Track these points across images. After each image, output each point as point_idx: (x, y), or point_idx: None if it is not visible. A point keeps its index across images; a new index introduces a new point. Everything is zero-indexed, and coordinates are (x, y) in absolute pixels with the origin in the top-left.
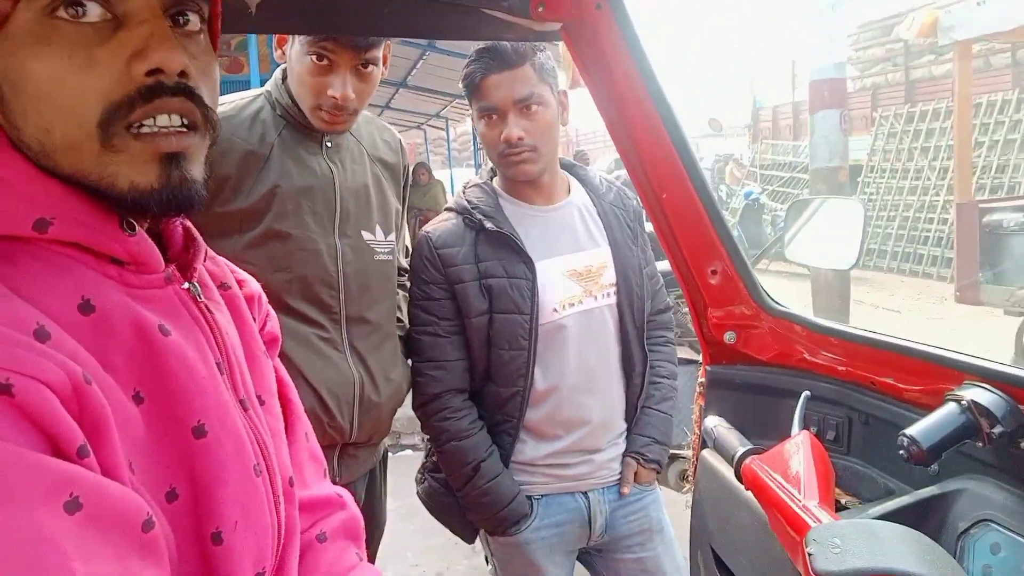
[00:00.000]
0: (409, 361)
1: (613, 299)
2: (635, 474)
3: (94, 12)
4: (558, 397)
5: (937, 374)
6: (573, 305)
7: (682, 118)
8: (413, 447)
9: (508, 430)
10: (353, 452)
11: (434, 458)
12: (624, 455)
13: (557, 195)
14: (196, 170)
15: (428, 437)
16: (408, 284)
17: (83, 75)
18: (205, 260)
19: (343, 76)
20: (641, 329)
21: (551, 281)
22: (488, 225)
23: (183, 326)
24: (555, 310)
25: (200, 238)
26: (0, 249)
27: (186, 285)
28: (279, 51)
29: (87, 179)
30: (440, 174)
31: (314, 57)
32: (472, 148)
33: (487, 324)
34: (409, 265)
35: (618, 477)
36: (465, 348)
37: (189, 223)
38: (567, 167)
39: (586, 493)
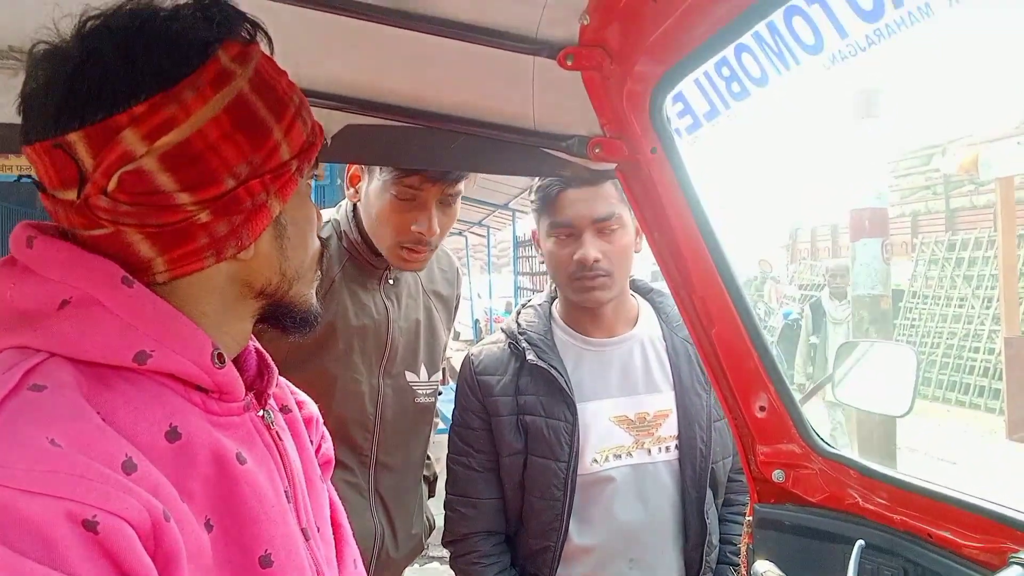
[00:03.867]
0: (431, 505)
1: (673, 455)
2: None
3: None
4: (594, 560)
5: (999, 532)
6: (620, 457)
7: (730, 250)
8: (441, 559)
9: None
10: None
11: None
12: None
13: (620, 327)
14: None
15: None
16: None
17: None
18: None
19: (429, 211)
20: (702, 493)
21: (594, 426)
22: (530, 356)
23: (257, 454)
24: (595, 460)
25: (273, 364)
26: (100, 375)
27: (260, 412)
28: (351, 190)
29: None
30: (480, 279)
31: (397, 194)
32: (512, 255)
33: (521, 466)
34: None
35: None
36: (501, 485)
37: (262, 349)
38: (642, 291)
39: None
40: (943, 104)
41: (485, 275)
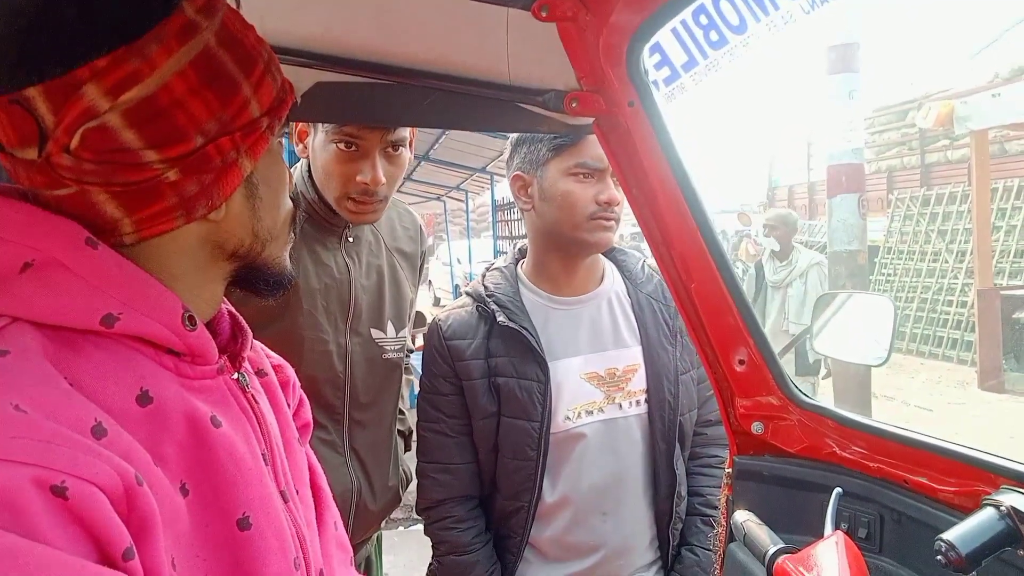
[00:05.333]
0: (406, 458)
1: (643, 408)
2: None
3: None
4: (568, 516)
5: (972, 475)
6: (592, 413)
7: (709, 206)
8: None
9: (511, 548)
10: None
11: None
12: None
13: (586, 284)
14: None
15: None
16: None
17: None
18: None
19: (372, 160)
20: (671, 446)
21: (566, 384)
22: (500, 318)
23: (232, 417)
24: (567, 417)
25: (247, 327)
26: (67, 339)
27: (235, 375)
28: (299, 146)
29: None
30: (458, 244)
31: (341, 145)
32: (491, 219)
33: (495, 428)
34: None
35: None
36: (474, 450)
37: (235, 311)
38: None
39: None
40: (920, 59)
41: (464, 240)
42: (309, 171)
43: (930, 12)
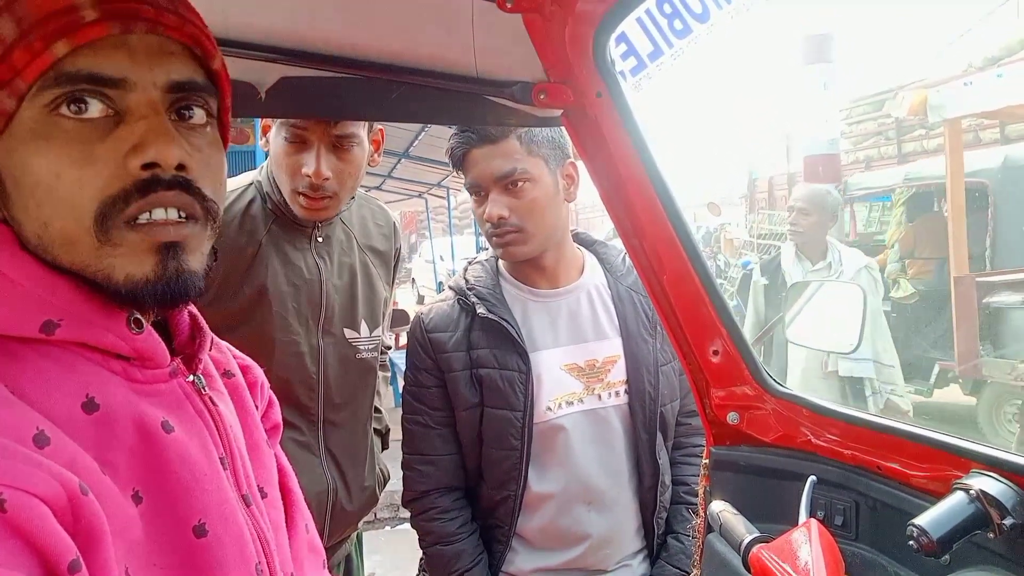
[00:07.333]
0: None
1: (623, 399)
2: None
3: (95, 109)
4: (554, 507)
5: (943, 460)
6: (572, 404)
7: (680, 198)
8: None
9: (499, 537)
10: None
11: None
12: None
13: (565, 277)
14: (195, 261)
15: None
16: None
17: (81, 170)
18: (211, 349)
19: (317, 152)
20: (653, 436)
21: (546, 375)
22: (480, 310)
23: (186, 421)
24: (548, 408)
25: (207, 327)
26: (6, 347)
27: (191, 377)
28: (263, 139)
29: (85, 272)
30: (441, 242)
31: (287, 136)
32: (473, 216)
33: (478, 419)
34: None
35: None
36: (457, 441)
37: (196, 312)
38: (586, 243)
39: None
40: (895, 49)
41: (447, 237)
42: None
43: (905, 2)
